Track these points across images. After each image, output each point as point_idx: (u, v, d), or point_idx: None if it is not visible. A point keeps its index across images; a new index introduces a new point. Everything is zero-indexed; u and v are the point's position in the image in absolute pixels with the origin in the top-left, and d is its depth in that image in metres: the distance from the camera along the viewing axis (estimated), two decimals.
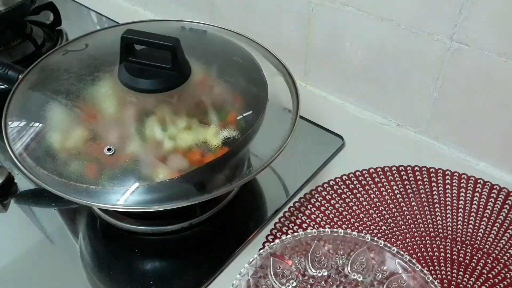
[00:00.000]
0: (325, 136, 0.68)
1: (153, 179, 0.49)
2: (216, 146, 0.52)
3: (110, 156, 0.49)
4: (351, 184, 0.61)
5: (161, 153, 0.51)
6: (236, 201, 0.59)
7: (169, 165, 0.50)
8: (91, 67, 0.55)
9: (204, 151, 0.52)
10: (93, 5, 1.00)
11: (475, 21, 0.53)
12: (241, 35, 0.65)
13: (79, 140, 0.50)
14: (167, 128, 0.51)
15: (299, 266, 0.50)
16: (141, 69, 0.52)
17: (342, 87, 0.73)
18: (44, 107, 0.53)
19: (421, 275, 0.46)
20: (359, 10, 0.62)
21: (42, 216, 0.59)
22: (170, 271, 0.54)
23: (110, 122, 0.52)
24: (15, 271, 0.53)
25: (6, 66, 0.60)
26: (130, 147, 0.50)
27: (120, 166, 0.49)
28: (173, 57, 0.51)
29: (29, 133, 0.52)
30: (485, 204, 0.58)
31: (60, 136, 0.51)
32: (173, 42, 0.50)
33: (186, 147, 0.51)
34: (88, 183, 0.48)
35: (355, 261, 0.50)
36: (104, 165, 0.50)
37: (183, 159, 0.51)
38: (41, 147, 0.50)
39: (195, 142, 0.52)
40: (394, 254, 0.48)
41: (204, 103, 0.54)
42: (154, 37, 0.50)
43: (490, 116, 0.59)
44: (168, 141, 0.51)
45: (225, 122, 0.53)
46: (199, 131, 0.53)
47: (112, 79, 0.53)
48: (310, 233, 0.50)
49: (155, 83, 0.52)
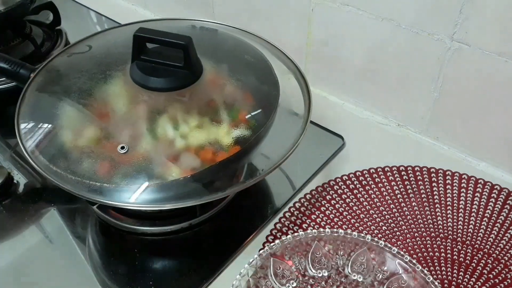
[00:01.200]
0: (325, 136, 0.68)
1: (166, 177, 0.49)
2: (228, 144, 0.52)
3: (124, 155, 0.49)
4: (351, 184, 0.61)
5: (174, 151, 0.51)
6: (236, 202, 0.59)
7: (182, 164, 0.51)
8: (102, 66, 0.55)
9: (217, 149, 0.52)
10: (92, 5, 1.00)
11: (476, 21, 0.53)
12: (251, 34, 0.65)
13: (92, 139, 0.50)
14: (181, 127, 0.52)
15: (299, 266, 0.50)
16: (153, 68, 0.52)
17: (342, 87, 0.72)
18: (57, 106, 0.53)
19: (421, 275, 0.46)
20: (359, 9, 0.62)
21: (42, 216, 0.59)
22: (170, 271, 0.54)
23: (123, 121, 0.52)
24: (15, 271, 0.53)
25: (17, 64, 0.59)
26: (143, 146, 0.50)
27: (133, 165, 0.49)
28: (185, 55, 0.51)
29: (42, 132, 0.52)
30: (486, 204, 0.58)
31: (72, 135, 0.51)
32: (186, 40, 0.50)
33: (199, 146, 0.51)
34: (102, 181, 0.48)
35: (356, 261, 0.50)
36: (117, 163, 0.50)
37: (196, 157, 0.51)
38: (54, 145, 0.50)
39: (208, 140, 0.52)
40: (395, 254, 0.48)
41: (217, 101, 0.54)
42: (167, 36, 0.50)
43: (490, 116, 0.59)
44: (180, 139, 0.52)
45: (237, 120, 0.54)
46: (212, 130, 0.53)
47: (124, 77, 0.53)
48: (310, 233, 0.50)
49: (168, 82, 0.52)
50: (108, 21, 0.95)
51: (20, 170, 0.64)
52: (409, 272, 0.47)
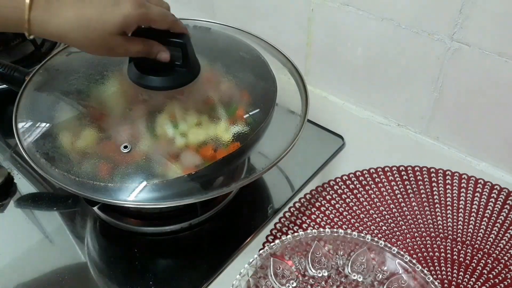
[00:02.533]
0: (325, 136, 0.68)
1: (168, 175, 0.50)
2: (228, 141, 0.52)
3: (126, 154, 0.50)
4: (351, 184, 0.61)
5: (174, 149, 0.51)
6: (236, 202, 0.59)
7: (183, 161, 0.51)
8: (99, 67, 0.55)
9: (217, 146, 0.52)
10: None
11: (476, 21, 0.53)
12: (242, 31, 0.65)
13: (92, 139, 0.50)
14: (180, 125, 0.52)
15: (299, 266, 0.50)
16: (151, 67, 0.52)
17: (342, 87, 0.72)
18: (55, 107, 0.53)
19: (421, 275, 0.46)
20: (360, 9, 0.62)
21: (42, 217, 0.59)
22: (170, 271, 0.54)
23: (123, 120, 0.52)
24: (15, 271, 0.53)
25: (11, 68, 0.59)
26: (144, 144, 0.50)
27: (136, 163, 0.49)
28: (183, 53, 0.51)
29: (41, 133, 0.52)
30: (486, 204, 0.58)
31: (72, 135, 0.51)
32: (184, 38, 0.50)
33: (199, 143, 0.52)
34: (104, 181, 0.48)
35: (355, 261, 0.50)
36: (119, 163, 0.50)
37: (197, 155, 0.51)
38: (54, 146, 0.50)
39: (208, 138, 0.52)
40: (395, 254, 0.48)
41: (216, 99, 0.54)
42: (165, 34, 0.50)
43: (490, 116, 0.59)
44: (180, 137, 0.52)
45: (236, 117, 0.54)
46: (211, 127, 0.53)
47: (121, 77, 0.53)
48: (310, 233, 0.50)
49: (167, 80, 0.52)
50: None
51: (20, 170, 0.64)
52: (409, 272, 0.47)
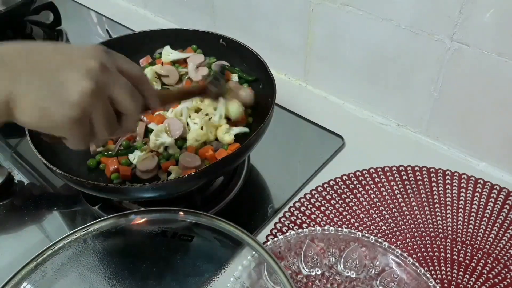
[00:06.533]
0: (325, 136, 0.68)
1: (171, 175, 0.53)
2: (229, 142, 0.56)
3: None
4: (351, 184, 0.61)
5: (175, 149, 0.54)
6: (236, 202, 0.59)
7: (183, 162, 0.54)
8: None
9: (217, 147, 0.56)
10: (93, 5, 1.00)
11: (476, 21, 0.53)
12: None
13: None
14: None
15: (292, 266, 0.50)
16: None
17: (342, 87, 0.72)
18: None
19: (413, 268, 0.47)
20: (359, 10, 0.62)
21: (42, 216, 0.59)
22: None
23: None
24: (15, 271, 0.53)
25: None
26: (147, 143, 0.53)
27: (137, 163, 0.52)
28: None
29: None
30: (485, 204, 0.58)
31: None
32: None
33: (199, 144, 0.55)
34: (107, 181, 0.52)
35: (348, 258, 0.50)
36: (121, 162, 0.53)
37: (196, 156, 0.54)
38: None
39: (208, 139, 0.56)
40: (386, 249, 0.49)
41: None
42: None
43: (490, 116, 0.59)
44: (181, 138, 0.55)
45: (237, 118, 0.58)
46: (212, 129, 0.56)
47: None
48: (302, 233, 0.51)
49: None
50: (108, 21, 0.95)
51: (20, 170, 0.64)
52: (401, 266, 0.48)
